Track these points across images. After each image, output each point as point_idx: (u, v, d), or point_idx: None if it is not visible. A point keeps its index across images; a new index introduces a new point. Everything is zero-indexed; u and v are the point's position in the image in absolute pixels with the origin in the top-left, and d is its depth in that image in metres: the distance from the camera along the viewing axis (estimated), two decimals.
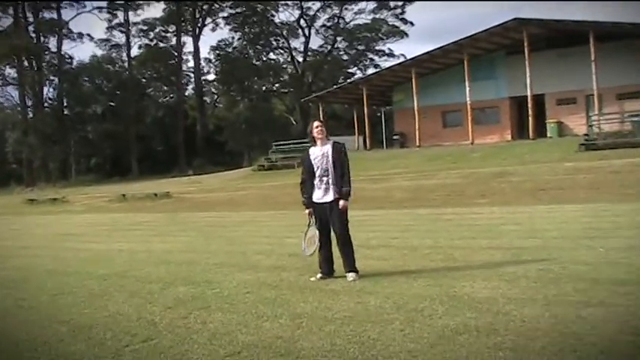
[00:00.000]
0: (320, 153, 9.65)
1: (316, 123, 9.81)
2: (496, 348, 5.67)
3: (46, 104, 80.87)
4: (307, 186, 9.76)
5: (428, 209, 21.50)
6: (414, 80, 47.57)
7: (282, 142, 54.28)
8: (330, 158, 9.57)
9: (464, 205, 22.16)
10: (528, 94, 42.38)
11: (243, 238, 16.30)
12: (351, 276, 9.39)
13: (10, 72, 79.66)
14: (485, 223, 16.26)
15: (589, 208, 18.00)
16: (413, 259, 10.91)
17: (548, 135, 43.49)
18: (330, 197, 9.58)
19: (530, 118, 42.84)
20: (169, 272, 11.20)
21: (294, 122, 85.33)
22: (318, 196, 9.66)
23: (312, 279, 9.58)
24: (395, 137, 52.79)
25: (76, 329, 7.47)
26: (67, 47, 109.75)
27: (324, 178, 9.58)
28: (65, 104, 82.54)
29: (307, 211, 9.82)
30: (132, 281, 10.51)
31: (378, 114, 63.13)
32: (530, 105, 42.57)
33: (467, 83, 44.85)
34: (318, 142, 9.71)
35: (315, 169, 9.62)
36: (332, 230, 9.67)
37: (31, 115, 78.83)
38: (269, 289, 9.03)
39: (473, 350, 5.67)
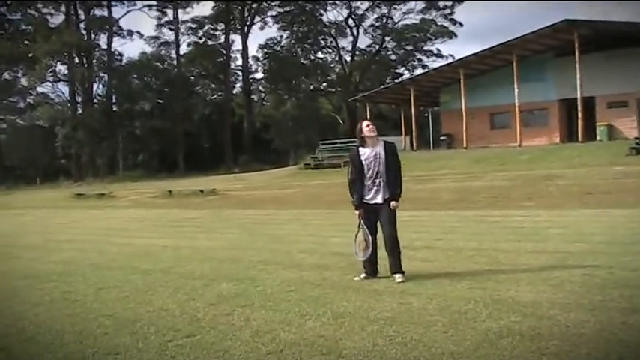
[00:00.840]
0: (372, 154, 9.48)
1: (366, 122, 9.72)
2: (539, 352, 5.62)
3: (95, 100, 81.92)
4: (357, 186, 9.60)
5: (473, 211, 21.37)
6: (461, 81, 47.32)
7: (328, 142, 54.33)
8: (383, 159, 9.45)
9: (510, 207, 21.99)
10: (578, 96, 41.90)
11: (288, 237, 16.32)
12: (399, 277, 9.33)
13: (62, 68, 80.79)
14: (531, 226, 16.10)
15: (637, 214, 17.74)
16: (457, 261, 10.86)
17: (598, 138, 42.95)
18: (380, 199, 9.47)
19: (579, 121, 42.36)
20: (213, 269, 11.26)
21: (340, 122, 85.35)
22: (368, 197, 9.55)
23: (356, 278, 9.56)
24: (442, 138, 52.55)
25: (120, 323, 7.54)
26: (117, 44, 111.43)
27: (377, 180, 9.45)
28: (114, 101, 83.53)
29: (357, 212, 9.68)
30: (176, 277, 10.58)
31: (426, 115, 62.92)
32: (579, 107, 42.10)
33: (515, 85, 44.46)
34: (369, 142, 9.55)
35: (366, 170, 9.47)
36: (380, 231, 9.61)
37: (80, 111, 79.78)
38: (312, 288, 9.04)
39: (516, 354, 5.62)
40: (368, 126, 9.59)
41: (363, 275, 9.59)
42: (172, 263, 12.25)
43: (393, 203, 9.41)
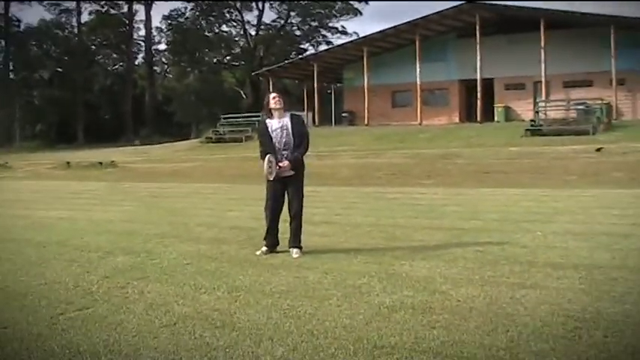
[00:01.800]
0: (279, 125, 9.35)
1: (273, 94, 9.60)
2: (430, 326, 5.73)
3: None
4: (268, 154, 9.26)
5: (373, 187, 21.62)
6: (365, 59, 47.66)
7: (231, 116, 54.02)
8: (290, 131, 9.37)
9: (408, 184, 22.31)
10: (478, 77, 42.79)
11: (186, 210, 16.22)
12: (295, 252, 9.34)
13: None
14: (428, 203, 16.39)
15: (531, 193, 18.27)
16: (354, 236, 10.97)
17: (496, 119, 43.96)
18: (288, 172, 9.36)
19: (478, 102, 43.25)
20: (109, 241, 11.09)
21: (244, 96, 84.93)
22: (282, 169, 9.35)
23: (257, 252, 9.50)
24: (344, 115, 52.85)
25: (10, 296, 7.36)
26: (15, 10, 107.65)
27: (285, 152, 9.34)
28: (11, 68, 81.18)
29: (267, 168, 9.21)
30: (71, 249, 10.39)
31: (329, 91, 63.13)
32: (479, 88, 42.96)
33: (417, 64, 45.06)
34: (276, 114, 9.44)
35: (274, 141, 9.36)
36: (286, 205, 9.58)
37: None
38: (209, 262, 9.00)
39: (407, 327, 5.71)
40: (274, 98, 9.47)
41: (265, 249, 9.53)
42: (68, 236, 12.02)
43: (284, 163, 9.25)
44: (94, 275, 8.31)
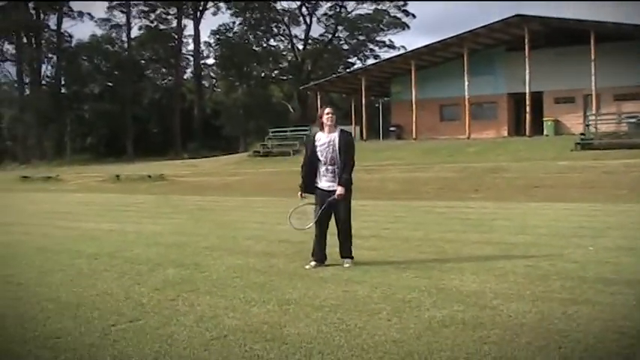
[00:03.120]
0: (327, 140, 9.51)
1: (327, 109, 9.69)
2: (481, 341, 5.68)
3: (43, 82, 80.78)
4: (306, 170, 9.68)
5: (421, 202, 21.53)
6: (413, 72, 47.52)
7: (278, 129, 54.17)
8: (337, 147, 9.45)
9: (457, 198, 22.18)
10: (527, 91, 42.40)
11: (235, 223, 16.30)
12: (347, 262, 9.51)
13: (9, 48, 79.66)
14: (477, 217, 16.28)
15: (581, 207, 18.04)
16: (403, 250, 10.93)
17: (545, 133, 43.50)
18: (335, 186, 9.47)
19: (527, 115, 42.88)
20: (159, 254, 11.20)
21: (291, 110, 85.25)
22: (324, 184, 9.58)
23: (307, 267, 9.53)
24: (391, 129, 52.71)
25: (63, 307, 7.46)
26: (67, 25, 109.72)
27: (330, 167, 9.50)
28: (63, 83, 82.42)
29: (299, 193, 9.82)
30: (121, 262, 10.50)
31: (376, 105, 63.08)
32: (527, 102, 42.59)
33: (466, 78, 44.79)
34: (326, 129, 9.57)
35: (320, 155, 9.52)
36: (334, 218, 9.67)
37: (27, 92, 78.66)
38: (258, 275, 9.03)
39: (458, 343, 5.67)
40: (328, 114, 9.57)
41: (314, 263, 9.57)
42: (118, 248, 12.16)
43: (338, 189, 9.40)
44: (144, 287, 8.39)
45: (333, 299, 7.43)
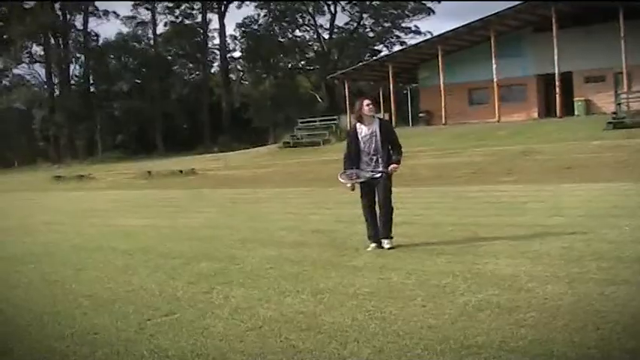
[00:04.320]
0: (369, 132, 9.79)
1: (367, 100, 9.92)
2: (517, 325, 5.64)
3: (72, 82, 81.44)
4: (350, 161, 9.93)
5: (452, 187, 21.45)
6: (440, 58, 47.25)
7: (307, 120, 54.23)
8: (379, 137, 9.76)
9: (489, 182, 22.07)
10: (556, 71, 41.99)
11: (267, 215, 16.34)
12: (387, 242, 9.79)
13: (37, 50, 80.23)
14: (509, 200, 16.20)
15: (615, 187, 17.86)
16: (436, 236, 10.89)
17: (576, 113, 43.06)
18: (378, 173, 9.77)
19: (557, 96, 42.50)
20: (192, 248, 11.25)
21: (319, 99, 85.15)
22: (368, 170, 9.84)
23: (368, 249, 9.80)
24: (421, 115, 52.54)
25: (99, 303, 7.52)
26: (93, 25, 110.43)
27: (374, 157, 9.81)
28: (91, 82, 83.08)
29: (349, 184, 9.98)
30: (155, 256, 10.56)
31: (404, 91, 62.84)
32: (557, 83, 42.20)
33: (493, 61, 44.45)
34: (366, 120, 9.82)
35: (363, 146, 9.81)
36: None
37: (57, 92, 79.34)
38: (291, 265, 9.05)
39: (494, 327, 5.64)
40: (368, 105, 9.83)
41: (374, 245, 9.84)
42: (152, 243, 12.23)
43: (392, 166, 9.75)
44: (178, 281, 8.43)
45: (367, 287, 7.42)
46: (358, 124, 9.93)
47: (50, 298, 7.96)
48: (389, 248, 9.69)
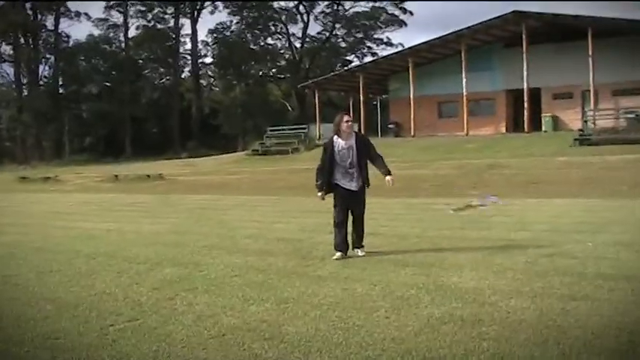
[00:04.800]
0: (346, 146, 10.12)
1: (346, 117, 10.29)
2: (480, 338, 5.68)
3: (41, 82, 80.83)
4: (324, 173, 10.22)
5: (419, 199, 21.52)
6: (410, 70, 47.48)
7: (277, 128, 54.16)
8: (356, 152, 10.13)
9: (455, 195, 22.14)
10: (525, 87, 42.36)
11: (234, 222, 16.28)
12: (360, 251, 10.25)
13: (6, 49, 79.66)
14: (475, 214, 16.27)
15: (580, 203, 18.02)
16: (401, 247, 10.92)
17: (543, 129, 43.41)
18: (355, 186, 10.20)
19: (525, 112, 42.84)
20: (157, 253, 11.20)
21: (290, 108, 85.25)
22: (344, 183, 10.18)
23: (334, 258, 9.96)
24: (390, 126, 52.66)
25: (61, 307, 7.47)
26: (64, 26, 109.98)
27: (351, 170, 10.15)
28: (61, 83, 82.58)
29: (320, 194, 10.31)
30: (119, 261, 10.50)
31: (374, 102, 63.09)
32: (526, 98, 42.56)
33: (463, 74, 44.72)
34: (343, 135, 10.14)
35: (339, 160, 10.14)
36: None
37: (25, 92, 78.74)
38: (256, 273, 9.04)
39: (457, 339, 5.68)
40: (347, 122, 10.18)
41: (339, 254, 10.04)
42: (117, 247, 12.16)
43: (388, 178, 10.38)
44: (142, 287, 8.40)
45: (331, 297, 7.44)
46: (335, 137, 10.18)
47: (11, 301, 7.91)
48: (362, 256, 10.03)
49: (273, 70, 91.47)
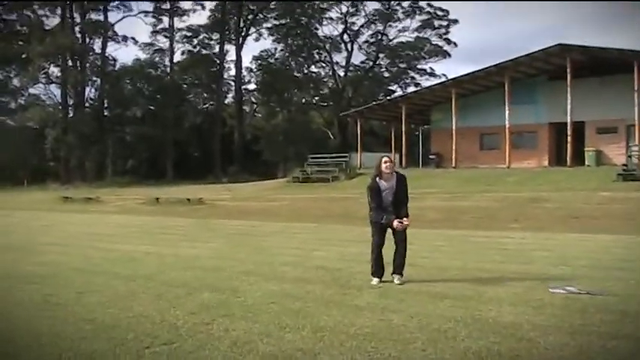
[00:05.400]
0: (388, 186, 10.57)
1: (385, 158, 10.70)
2: None
3: (86, 104, 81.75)
4: (379, 211, 10.57)
5: (459, 230, 21.39)
6: (453, 101, 47.40)
7: (318, 156, 54.25)
8: (395, 191, 10.59)
9: (496, 228, 22.00)
10: (568, 120, 42.05)
11: (272, 249, 16.29)
12: (397, 278, 10.51)
13: (54, 71, 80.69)
14: (515, 247, 16.12)
15: (622, 239, 17.78)
16: (440, 279, 10.84)
17: (586, 163, 43.00)
18: (391, 218, 10.50)
19: (568, 145, 42.49)
20: (196, 278, 11.23)
21: (331, 136, 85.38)
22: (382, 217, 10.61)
23: (373, 283, 10.40)
24: (431, 157, 52.58)
25: (99, 328, 7.52)
26: (111, 49, 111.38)
27: (389, 209, 10.60)
28: (105, 105, 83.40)
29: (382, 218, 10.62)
30: (158, 284, 10.55)
31: (416, 133, 63.01)
32: (569, 132, 42.24)
33: (507, 106, 44.54)
34: (384, 176, 10.60)
35: (383, 200, 10.57)
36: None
37: (71, 114, 79.68)
38: (293, 301, 9.02)
39: None
40: (386, 163, 10.57)
41: (377, 280, 10.52)
42: (155, 270, 12.22)
43: (397, 223, 10.45)
44: (180, 310, 8.41)
45: (368, 327, 7.39)
46: (378, 180, 10.57)
47: (50, 320, 7.96)
48: (399, 284, 10.20)
49: (316, 98, 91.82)
